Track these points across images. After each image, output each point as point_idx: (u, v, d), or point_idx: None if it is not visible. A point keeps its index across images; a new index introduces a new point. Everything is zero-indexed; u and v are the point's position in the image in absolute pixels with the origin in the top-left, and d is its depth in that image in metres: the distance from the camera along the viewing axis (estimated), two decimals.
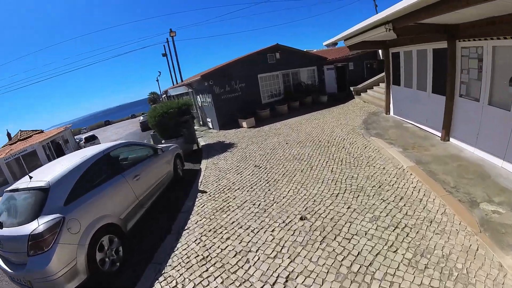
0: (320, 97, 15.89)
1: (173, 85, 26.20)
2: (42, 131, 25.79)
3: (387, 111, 9.79)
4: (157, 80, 36.87)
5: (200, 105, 16.22)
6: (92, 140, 27.12)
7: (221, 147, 9.89)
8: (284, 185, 5.54)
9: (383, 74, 13.68)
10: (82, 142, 28.43)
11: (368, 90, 14.19)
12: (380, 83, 13.55)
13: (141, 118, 32.95)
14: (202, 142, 11.85)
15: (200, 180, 6.79)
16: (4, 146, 24.93)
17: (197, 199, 5.70)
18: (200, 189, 6.25)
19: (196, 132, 15.28)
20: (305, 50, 18.69)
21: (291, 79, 16.21)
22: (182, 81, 25.85)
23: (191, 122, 9.78)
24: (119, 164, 5.12)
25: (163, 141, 10.39)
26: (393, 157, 5.91)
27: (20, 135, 24.05)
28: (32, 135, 23.67)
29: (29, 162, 17.65)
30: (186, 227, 4.66)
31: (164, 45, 29.31)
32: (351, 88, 15.20)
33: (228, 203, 5.20)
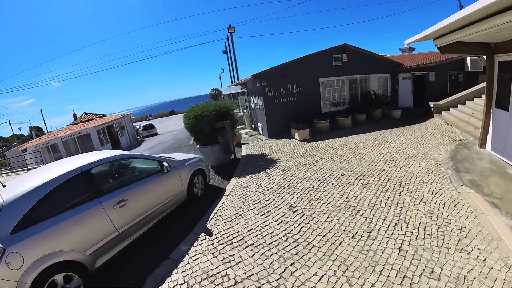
0: (392, 111, 13.49)
1: (232, 83, 25.87)
2: (104, 116, 28.07)
3: (482, 143, 7.25)
4: (220, 77, 37.71)
5: (252, 107, 15.18)
6: (149, 128, 28.70)
7: (261, 163, 8.57)
8: (319, 260, 3.63)
9: (473, 89, 11.13)
10: (141, 129, 30.29)
11: (451, 109, 11.40)
12: (466, 101, 11.12)
13: None
14: (244, 150, 10.70)
15: (214, 211, 5.44)
16: (68, 125, 27.80)
17: (194, 244, 4.34)
18: (208, 226, 4.87)
19: (245, 135, 14.25)
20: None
21: (358, 86, 13.99)
22: (238, 80, 25.40)
23: (228, 129, 8.49)
24: (98, 185, 4.14)
25: (197, 146, 9.54)
26: (500, 237, 3.61)
27: (84, 117, 26.57)
28: (94, 118, 25.95)
29: (83, 143, 19.47)
30: None
31: (225, 42, 29.00)
32: (431, 104, 12.44)
33: (226, 269, 3.64)
